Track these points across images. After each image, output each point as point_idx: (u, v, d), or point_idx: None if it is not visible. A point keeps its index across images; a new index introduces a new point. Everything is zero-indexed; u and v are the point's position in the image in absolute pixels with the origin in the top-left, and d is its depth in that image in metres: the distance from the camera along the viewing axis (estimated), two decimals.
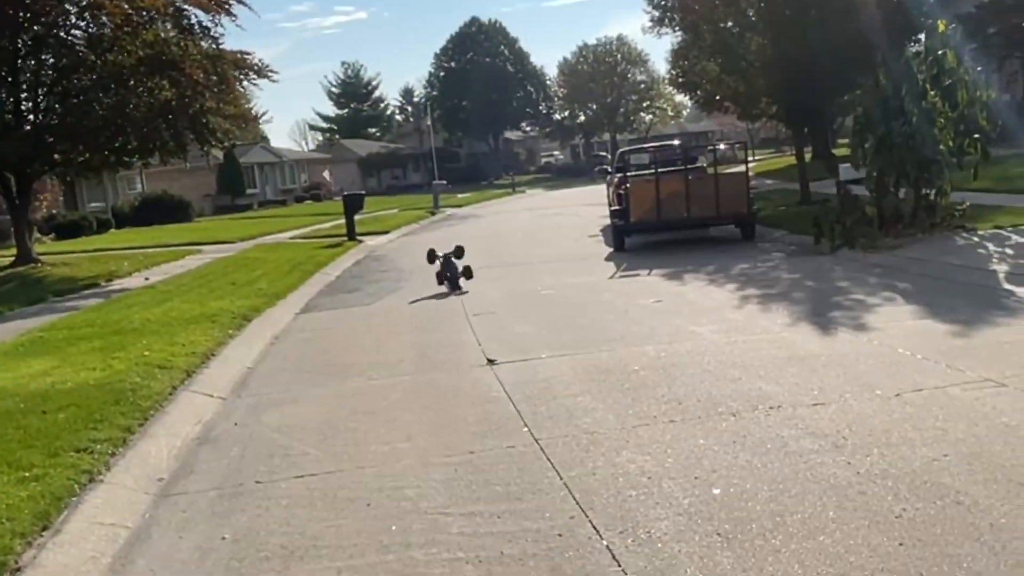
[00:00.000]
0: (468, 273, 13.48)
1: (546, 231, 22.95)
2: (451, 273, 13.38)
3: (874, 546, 4.04)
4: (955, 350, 7.22)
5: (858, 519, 4.33)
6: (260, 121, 57.84)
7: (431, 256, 14.18)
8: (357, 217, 24.24)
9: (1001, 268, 10.65)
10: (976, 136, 13.60)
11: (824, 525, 4.30)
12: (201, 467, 6.09)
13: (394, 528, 4.75)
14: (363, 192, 27.49)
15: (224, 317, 11.01)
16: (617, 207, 17.44)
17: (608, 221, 19.12)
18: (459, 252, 13.73)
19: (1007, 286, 9.68)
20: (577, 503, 4.84)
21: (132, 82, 19.64)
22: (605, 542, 4.33)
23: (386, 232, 26.21)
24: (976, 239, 12.74)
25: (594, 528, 4.49)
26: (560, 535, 4.47)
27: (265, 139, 65.76)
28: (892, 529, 4.19)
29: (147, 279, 16.90)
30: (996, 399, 5.89)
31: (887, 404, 6.02)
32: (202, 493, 5.58)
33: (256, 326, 11.11)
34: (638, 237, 17.02)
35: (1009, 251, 11.66)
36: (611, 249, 16.98)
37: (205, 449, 6.48)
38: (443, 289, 13.20)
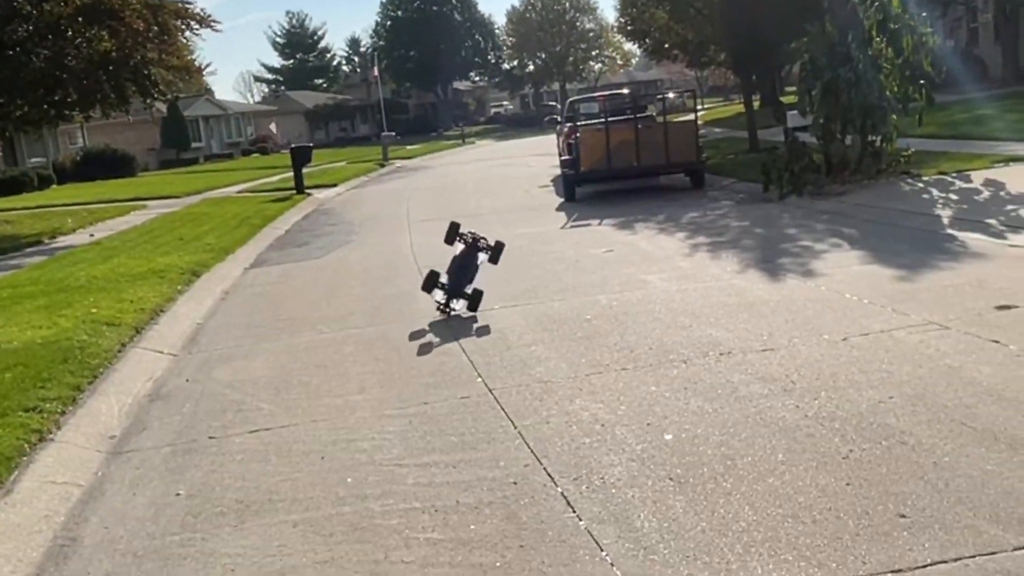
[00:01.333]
0: (476, 298, 8.17)
1: (496, 182, 22.88)
2: (457, 277, 8.32)
3: (822, 486, 4.13)
4: (900, 294, 7.35)
5: (806, 461, 4.42)
6: (204, 73, 56.54)
7: (430, 279, 8.41)
8: (305, 170, 23.96)
9: (945, 213, 10.82)
10: (921, 82, 13.72)
11: (773, 467, 4.38)
12: (153, 424, 6.04)
13: (349, 480, 4.76)
14: (311, 145, 27.17)
15: (172, 273, 10.88)
16: (567, 157, 17.42)
17: (559, 171, 19.10)
18: (496, 251, 8.80)
19: (950, 231, 9.84)
20: (531, 451, 4.88)
21: (70, 33, 19.12)
22: (560, 489, 4.38)
23: (335, 185, 25.97)
24: (921, 185, 12.91)
25: (548, 475, 4.53)
26: (515, 483, 4.51)
27: (209, 91, 64.48)
28: (839, 470, 4.28)
29: (92, 236, 16.61)
30: (940, 342, 6.01)
31: (834, 348, 6.12)
32: (155, 450, 5.55)
33: (205, 282, 10.99)
34: (589, 187, 17.02)
35: (953, 196, 11.85)
36: (562, 199, 16.99)
37: (157, 406, 6.43)
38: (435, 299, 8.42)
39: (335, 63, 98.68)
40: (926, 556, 3.47)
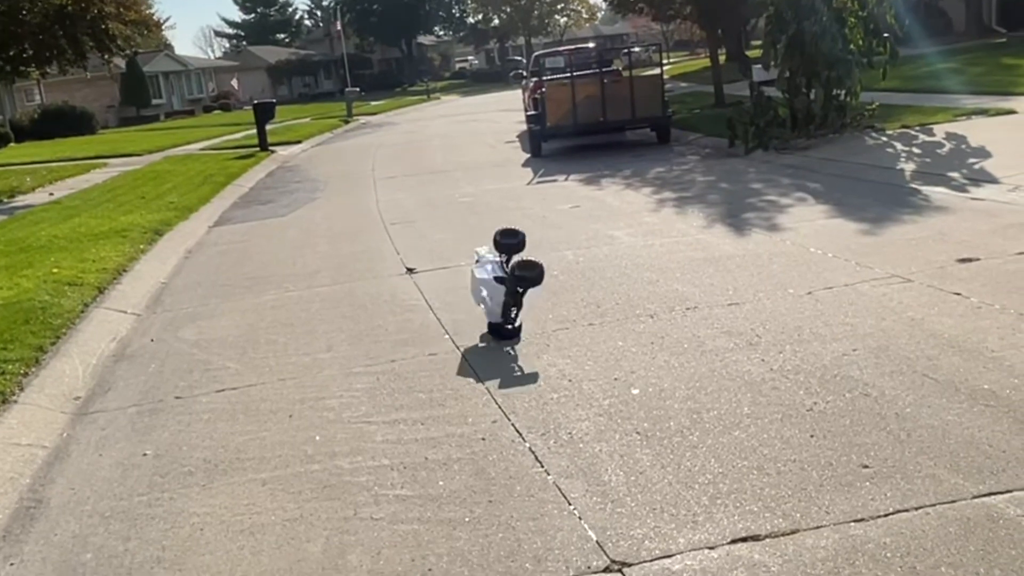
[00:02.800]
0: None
1: (463, 138, 22.75)
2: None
3: (786, 438, 4.18)
4: (864, 248, 7.41)
5: (771, 413, 4.47)
6: (163, 27, 55.51)
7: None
8: (269, 127, 23.68)
9: (908, 167, 10.90)
10: (885, 36, 13.75)
11: (739, 420, 4.42)
12: (119, 384, 6.00)
13: (318, 438, 4.76)
14: (274, 101, 26.82)
15: (135, 232, 10.76)
16: (533, 112, 17.33)
17: (525, 127, 19.01)
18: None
19: (913, 185, 9.92)
20: (499, 407, 4.90)
21: None
22: (528, 444, 4.40)
23: (299, 142, 25.69)
24: (884, 139, 12.99)
25: (516, 431, 4.56)
26: (483, 439, 4.53)
27: (169, 47, 63.43)
28: (804, 422, 4.34)
29: (52, 194, 16.36)
30: (903, 294, 6.08)
31: (799, 302, 6.17)
32: (121, 410, 5.51)
33: (168, 240, 10.88)
34: (555, 142, 16.97)
35: (916, 150, 11.93)
36: (528, 155, 16.92)
37: (122, 366, 6.38)
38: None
39: (297, 17, 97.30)
40: (888, 505, 3.53)
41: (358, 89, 44.31)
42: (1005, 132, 12.30)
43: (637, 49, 21.62)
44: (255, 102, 25.04)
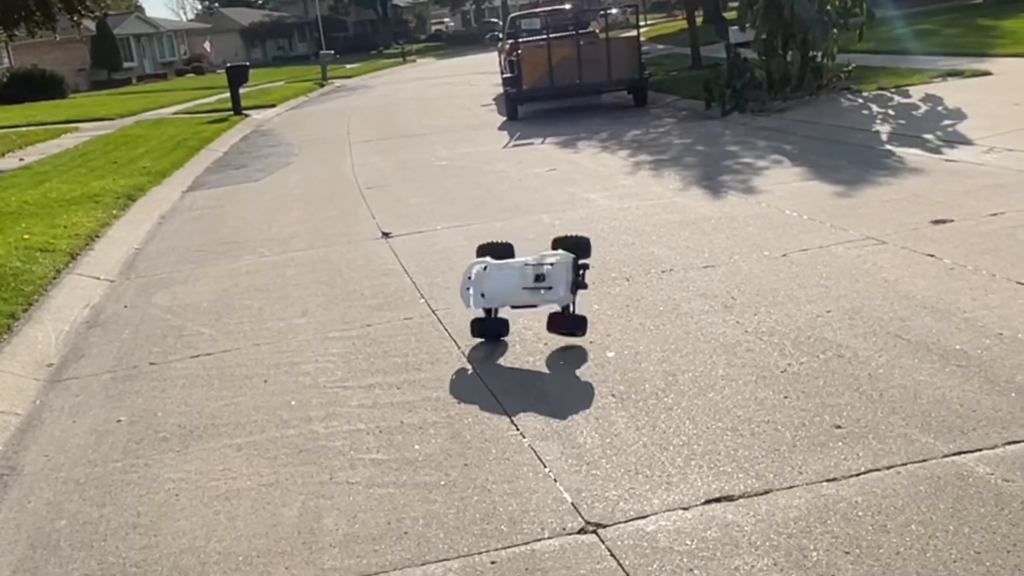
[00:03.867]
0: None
1: (439, 101, 22.60)
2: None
3: (761, 400, 4.21)
4: (839, 210, 7.43)
5: (746, 375, 4.49)
6: None
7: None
8: (242, 90, 23.43)
9: (884, 129, 10.92)
10: None
11: (714, 382, 4.45)
12: (92, 351, 5.95)
13: (293, 403, 4.75)
14: (247, 64, 26.51)
15: (107, 197, 10.64)
16: (509, 75, 17.22)
17: (501, 90, 18.90)
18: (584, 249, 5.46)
19: (888, 146, 9.95)
20: (476, 371, 4.90)
21: None
22: (503, 407, 4.40)
23: (273, 105, 25.46)
24: (861, 100, 13.00)
25: (492, 395, 4.56)
26: (459, 403, 4.53)
27: (140, 8, 62.59)
28: (778, 383, 4.36)
29: (22, 160, 16.14)
30: (877, 256, 6.11)
31: (774, 264, 6.19)
32: (94, 377, 5.48)
33: (141, 206, 10.78)
34: (531, 105, 16.88)
35: (891, 112, 11.95)
36: (504, 118, 16.84)
37: (95, 333, 6.33)
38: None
39: None
40: (860, 464, 3.56)
41: (333, 52, 43.89)
42: (980, 94, 12.34)
43: (614, 11, 21.44)
44: (228, 65, 24.79)
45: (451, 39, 74.86)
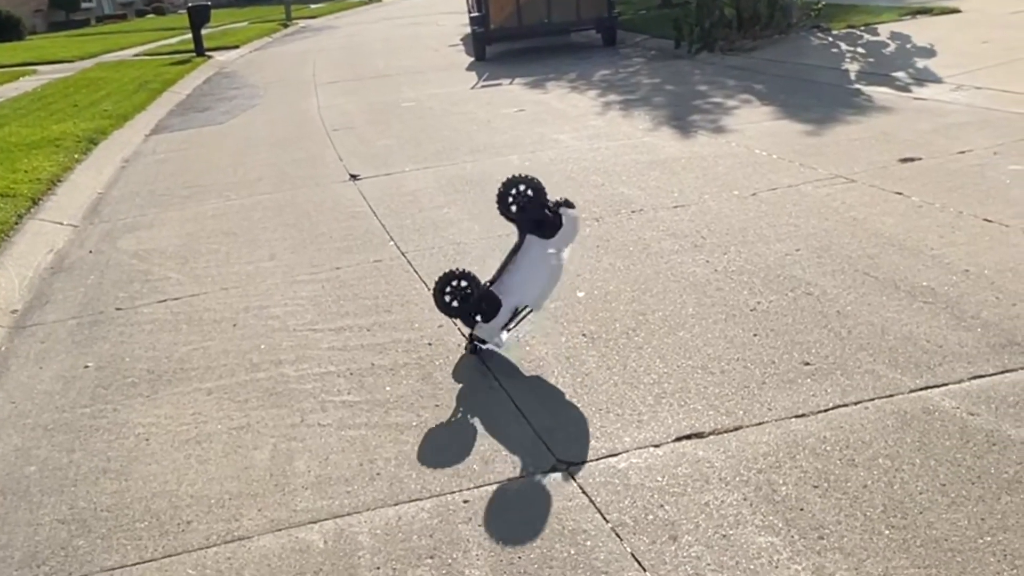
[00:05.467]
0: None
1: (406, 41, 22.28)
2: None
3: (730, 338, 4.23)
4: (808, 149, 7.43)
5: (716, 314, 4.51)
6: None
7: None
8: (204, 31, 22.95)
9: (853, 67, 10.89)
10: None
11: (684, 321, 4.46)
12: (57, 297, 5.88)
13: (263, 347, 4.73)
14: (209, 3, 25.92)
15: (68, 141, 10.44)
16: (476, 14, 16.96)
17: (468, 30, 18.65)
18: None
19: (857, 85, 9.93)
20: None
21: None
22: (475, 348, 4.39)
23: (237, 47, 24.99)
24: (830, 39, 12.94)
25: (463, 336, 4.55)
26: (430, 344, 4.52)
27: None
28: (747, 321, 4.38)
29: None
30: (845, 195, 6.12)
31: (744, 203, 6.19)
32: (60, 323, 5.41)
33: (104, 149, 10.59)
34: (499, 45, 16.67)
35: (860, 50, 11.91)
36: (472, 58, 16.63)
37: (60, 278, 6.25)
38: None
39: None
40: (828, 400, 3.59)
41: None
42: (949, 31, 12.32)
43: None
44: (189, 5, 24.23)
45: None
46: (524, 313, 4.34)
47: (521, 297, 4.28)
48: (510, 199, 4.32)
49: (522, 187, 4.29)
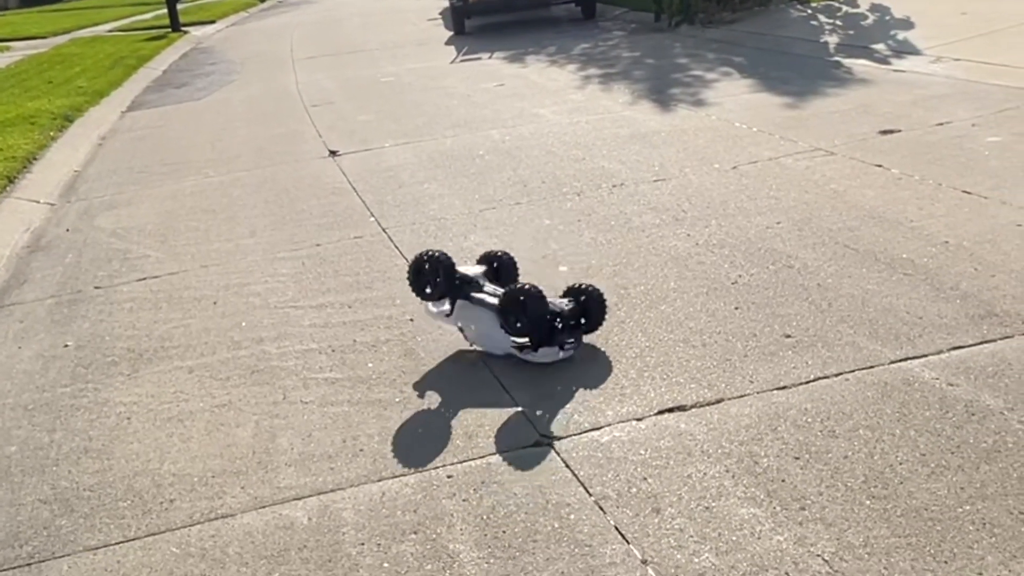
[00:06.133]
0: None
1: (384, 15, 22.11)
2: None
3: (712, 311, 4.24)
4: (788, 121, 7.44)
5: (697, 287, 4.51)
6: None
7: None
8: (180, 6, 22.73)
9: (832, 40, 10.89)
10: None
11: (665, 295, 4.47)
12: (34, 276, 5.83)
13: (244, 324, 4.71)
14: None
15: (43, 118, 10.32)
16: None
17: (447, 3, 18.52)
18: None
19: (837, 57, 9.93)
20: None
21: None
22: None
23: (213, 21, 24.74)
24: (809, 11, 12.92)
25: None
26: (412, 320, 4.51)
27: None
28: (728, 295, 4.39)
29: None
30: (825, 167, 6.14)
31: (724, 177, 6.20)
32: (38, 302, 5.37)
33: (80, 127, 10.49)
34: (478, 19, 16.57)
35: (840, 22, 11.90)
36: (451, 32, 16.52)
37: (37, 257, 6.19)
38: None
39: None
40: (810, 372, 3.61)
41: None
42: (927, 3, 12.31)
43: None
44: None
45: None
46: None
47: None
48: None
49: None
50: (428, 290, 4.14)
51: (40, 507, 3.32)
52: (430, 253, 4.16)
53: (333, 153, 8.10)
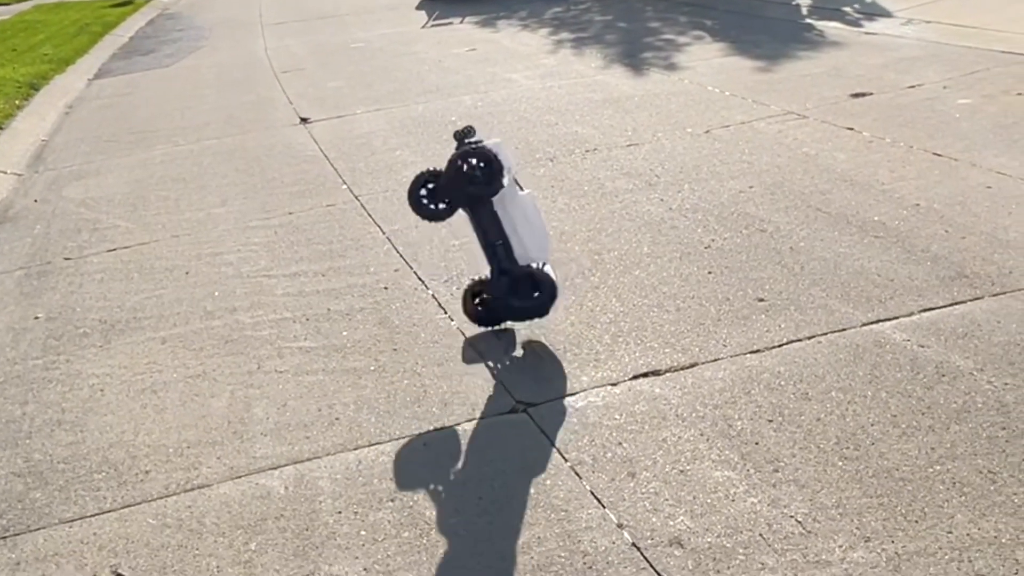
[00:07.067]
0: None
1: None
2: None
3: (685, 276, 4.25)
4: (760, 85, 7.44)
5: (670, 252, 4.53)
6: None
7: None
8: None
9: (804, 2, 10.88)
10: None
11: (639, 260, 4.48)
12: (3, 247, 5.76)
13: (216, 294, 4.68)
14: None
15: (8, 87, 10.17)
16: None
17: None
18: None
19: (809, 20, 9.93)
20: (401, 256, 4.86)
21: None
22: (431, 292, 4.39)
23: None
24: None
25: (419, 279, 4.54)
26: (386, 288, 4.50)
27: None
28: (702, 259, 4.41)
29: None
30: (797, 131, 6.15)
31: (697, 141, 6.20)
32: (7, 274, 5.31)
33: (45, 95, 10.33)
34: None
35: None
36: None
37: (5, 229, 6.11)
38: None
39: None
40: (782, 336, 3.64)
41: None
42: None
43: None
44: None
45: None
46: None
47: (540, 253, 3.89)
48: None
49: (473, 161, 3.75)
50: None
51: (14, 480, 3.30)
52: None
53: (304, 120, 8.03)
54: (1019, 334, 3.46)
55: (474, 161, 3.74)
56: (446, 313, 4.17)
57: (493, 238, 3.78)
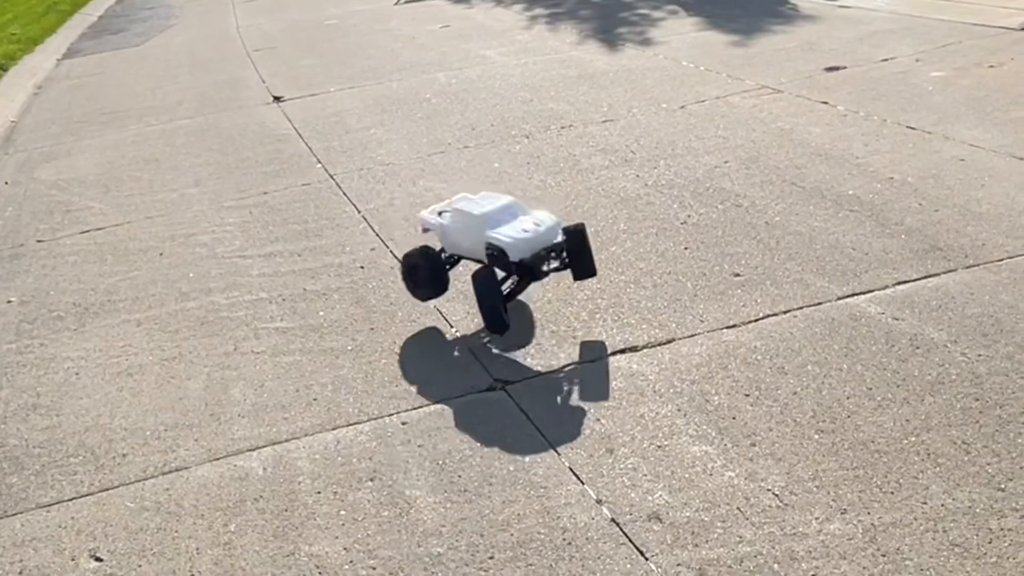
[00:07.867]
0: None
1: None
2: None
3: (662, 251, 4.26)
4: (735, 60, 7.44)
5: (647, 228, 4.53)
6: None
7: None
8: None
9: None
10: None
11: (616, 236, 4.48)
12: None
13: (191, 275, 4.65)
14: None
15: None
16: None
17: None
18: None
19: None
20: (377, 235, 4.85)
21: None
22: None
23: None
24: None
25: (396, 258, 4.52)
26: (362, 267, 4.49)
27: None
28: (678, 235, 4.42)
29: None
30: (772, 105, 6.16)
31: (672, 116, 6.20)
32: None
33: (14, 76, 10.21)
34: None
35: None
36: None
37: None
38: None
39: None
40: (758, 311, 3.65)
41: None
42: None
43: None
44: None
45: None
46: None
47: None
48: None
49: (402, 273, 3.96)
50: None
51: None
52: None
53: (277, 99, 7.97)
54: (992, 306, 3.49)
55: (403, 272, 4.02)
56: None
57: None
